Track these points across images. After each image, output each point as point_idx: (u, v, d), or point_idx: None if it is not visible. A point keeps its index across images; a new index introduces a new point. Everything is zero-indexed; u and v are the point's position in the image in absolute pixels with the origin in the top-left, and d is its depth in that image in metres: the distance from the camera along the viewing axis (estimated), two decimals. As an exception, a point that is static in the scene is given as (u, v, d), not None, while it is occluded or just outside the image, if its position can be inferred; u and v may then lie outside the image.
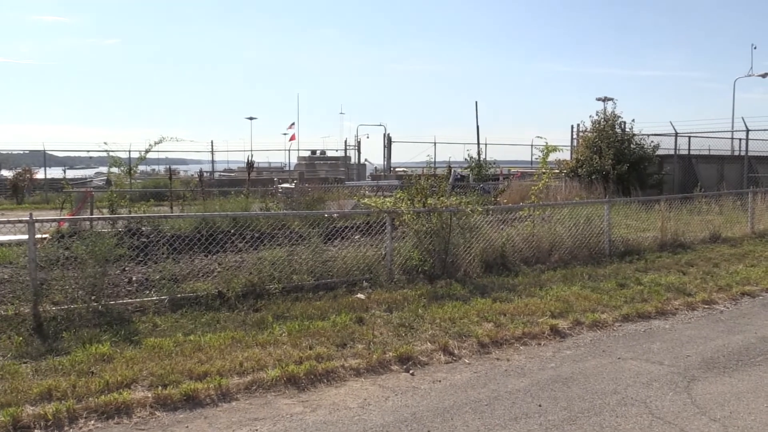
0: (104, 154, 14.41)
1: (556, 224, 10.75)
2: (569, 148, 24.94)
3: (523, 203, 11.81)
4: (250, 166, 25.97)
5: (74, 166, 52.99)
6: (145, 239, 9.12)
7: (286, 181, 32.00)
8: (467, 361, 5.73)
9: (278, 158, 63.36)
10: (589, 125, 22.28)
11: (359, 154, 42.15)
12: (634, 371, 5.45)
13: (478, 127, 51.85)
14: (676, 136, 23.06)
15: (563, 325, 6.70)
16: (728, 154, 26.04)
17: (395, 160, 42.84)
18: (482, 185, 23.33)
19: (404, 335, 6.18)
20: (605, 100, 37.74)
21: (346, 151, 41.09)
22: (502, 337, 6.25)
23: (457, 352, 5.85)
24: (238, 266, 7.93)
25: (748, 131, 23.15)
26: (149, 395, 4.66)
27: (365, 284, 8.00)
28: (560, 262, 9.95)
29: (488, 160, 29.24)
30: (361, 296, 7.50)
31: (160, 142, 13.47)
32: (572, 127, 25.25)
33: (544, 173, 12.14)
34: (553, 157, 12.61)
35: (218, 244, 8.65)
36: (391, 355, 5.63)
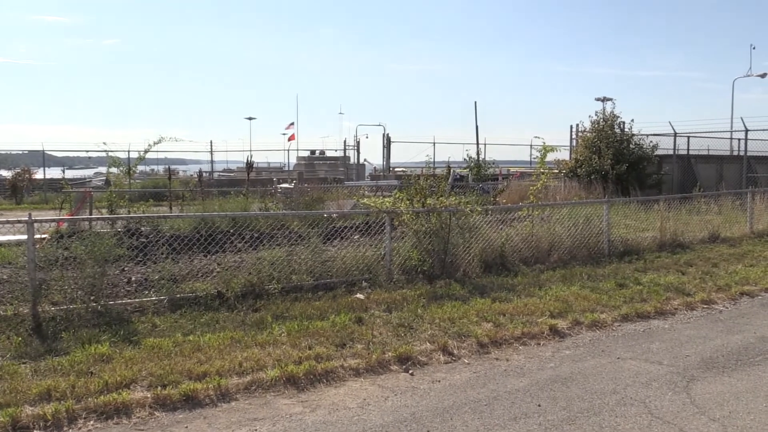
0: (103, 154, 14.44)
1: (555, 224, 10.75)
2: (568, 148, 24.99)
3: (522, 203, 11.82)
4: (249, 166, 26.04)
5: (73, 166, 53.03)
6: (144, 239, 9.12)
7: (285, 181, 32.06)
8: (466, 361, 5.73)
9: (277, 158, 63.55)
10: (588, 125, 22.31)
11: (358, 154, 42.30)
12: (633, 371, 5.46)
13: (477, 127, 51.91)
14: (675, 136, 23.08)
15: (562, 325, 6.70)
16: (727, 154, 26.04)
17: (394, 160, 42.99)
18: (481, 185, 23.37)
19: (403, 335, 6.18)
20: (604, 100, 37.90)
21: (345, 151, 41.19)
22: (501, 337, 6.25)
23: (456, 352, 5.85)
24: (237, 266, 7.93)
25: (747, 131, 23.17)
26: (148, 395, 4.66)
27: (364, 284, 7.99)
28: (559, 262, 9.95)
29: (487, 160, 29.35)
30: (360, 296, 7.50)
31: (159, 142, 13.51)
32: (571, 127, 25.32)
33: (542, 173, 12.16)
34: (551, 157, 12.66)
35: (217, 244, 8.65)
36: (390, 355, 5.63)
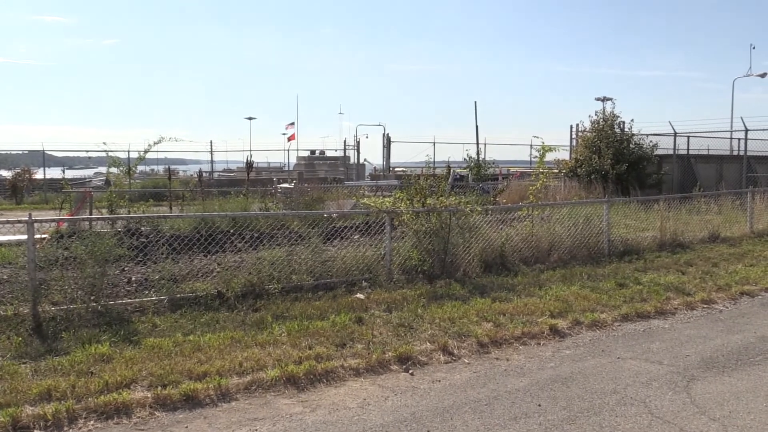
0: (103, 154, 14.42)
1: (555, 224, 10.75)
2: (568, 147, 24.98)
3: (522, 203, 11.82)
4: (249, 166, 26.04)
5: (73, 166, 52.96)
6: (144, 239, 9.11)
7: (285, 181, 32.05)
8: (467, 360, 5.73)
9: (277, 158, 63.52)
10: (588, 125, 22.30)
11: (358, 154, 42.27)
12: (633, 371, 5.46)
13: (477, 127, 52.04)
14: (675, 135, 23.07)
15: (562, 324, 6.70)
16: (727, 153, 26.02)
17: (394, 160, 42.97)
18: (481, 185, 23.37)
19: (403, 335, 6.18)
20: (604, 99, 37.95)
21: (345, 151, 41.18)
22: (501, 336, 6.25)
23: (456, 351, 5.85)
24: (237, 266, 7.93)
25: (746, 131, 23.16)
26: (149, 395, 4.66)
27: (364, 284, 7.99)
28: (559, 261, 9.95)
29: (487, 160, 29.36)
30: (360, 296, 7.50)
31: (159, 142, 13.50)
32: (571, 127, 25.31)
33: (541, 173, 12.16)
34: (550, 156, 12.65)
35: (217, 244, 8.65)
36: (390, 355, 5.63)
